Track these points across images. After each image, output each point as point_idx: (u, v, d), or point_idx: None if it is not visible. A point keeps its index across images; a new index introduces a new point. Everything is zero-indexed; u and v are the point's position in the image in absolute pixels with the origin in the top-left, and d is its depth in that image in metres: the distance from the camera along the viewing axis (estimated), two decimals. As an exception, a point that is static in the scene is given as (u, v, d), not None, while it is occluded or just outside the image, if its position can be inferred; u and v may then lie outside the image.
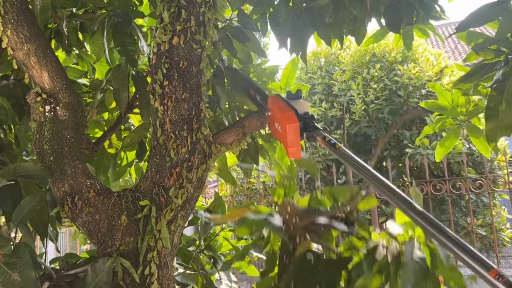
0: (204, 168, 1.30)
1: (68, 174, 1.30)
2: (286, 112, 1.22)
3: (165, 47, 1.31)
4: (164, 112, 1.28)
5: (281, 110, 1.24)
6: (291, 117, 1.20)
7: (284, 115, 1.21)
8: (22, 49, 1.39)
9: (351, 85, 6.21)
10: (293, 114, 1.20)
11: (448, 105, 2.59)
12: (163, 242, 1.19)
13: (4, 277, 1.00)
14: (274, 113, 1.28)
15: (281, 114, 1.23)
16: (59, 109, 1.40)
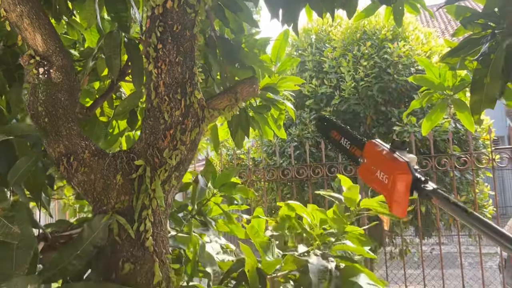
0: (198, 131, 1.33)
1: (63, 135, 1.33)
2: (396, 161, 1.10)
3: (159, 11, 1.32)
4: (158, 75, 1.31)
5: (390, 157, 1.12)
6: (403, 167, 1.07)
7: (395, 163, 1.09)
8: (15, 11, 1.39)
9: (342, 62, 6.23)
10: (406, 165, 1.08)
11: (435, 79, 2.63)
12: (157, 201, 1.23)
13: (4, 230, 1.03)
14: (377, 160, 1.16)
15: (390, 162, 1.11)
16: (52, 71, 1.42)
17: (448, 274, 5.25)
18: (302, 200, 6.48)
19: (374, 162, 1.16)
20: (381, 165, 1.13)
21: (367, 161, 1.20)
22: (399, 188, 1.05)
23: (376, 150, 1.18)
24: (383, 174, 1.11)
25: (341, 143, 1.39)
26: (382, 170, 1.12)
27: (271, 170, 5.64)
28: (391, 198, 1.08)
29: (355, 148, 1.31)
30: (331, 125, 1.48)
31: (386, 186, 1.09)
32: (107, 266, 1.21)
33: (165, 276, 1.23)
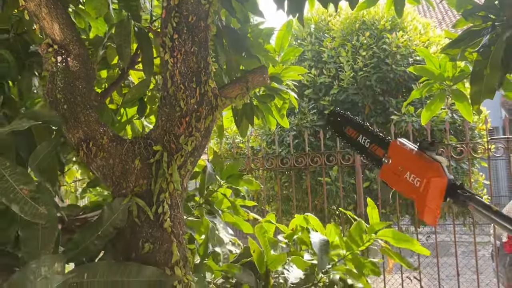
0: (211, 118, 1.39)
1: (82, 121, 1.38)
2: (430, 163, 1.00)
3: (174, 2, 1.37)
4: (174, 64, 1.36)
5: (422, 159, 1.02)
6: (438, 170, 0.98)
7: (428, 165, 0.99)
8: (34, 0, 1.43)
9: (341, 52, 6.28)
10: (439, 167, 0.98)
11: (435, 70, 2.69)
12: (174, 185, 1.29)
13: (32, 210, 1.09)
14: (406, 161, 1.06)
15: (422, 163, 1.01)
16: (70, 60, 1.46)
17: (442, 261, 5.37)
18: (300, 189, 6.56)
19: (402, 163, 1.06)
20: (411, 166, 1.03)
21: (392, 162, 1.10)
22: (432, 193, 0.96)
23: (404, 150, 1.08)
24: (414, 177, 1.01)
25: (358, 141, 1.28)
26: (412, 172, 1.03)
27: (270, 158, 5.71)
28: (423, 204, 0.98)
29: (376, 147, 1.21)
30: (345, 121, 1.35)
31: (417, 190, 1.00)
32: (127, 246, 1.27)
33: (182, 256, 1.29)
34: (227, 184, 2.18)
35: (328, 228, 2.08)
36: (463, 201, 0.94)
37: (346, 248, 1.99)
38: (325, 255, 1.81)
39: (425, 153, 1.03)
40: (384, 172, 1.13)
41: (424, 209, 0.98)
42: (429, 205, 0.97)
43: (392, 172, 1.09)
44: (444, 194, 0.96)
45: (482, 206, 0.91)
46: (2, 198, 1.09)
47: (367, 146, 1.24)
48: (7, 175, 1.11)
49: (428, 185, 0.97)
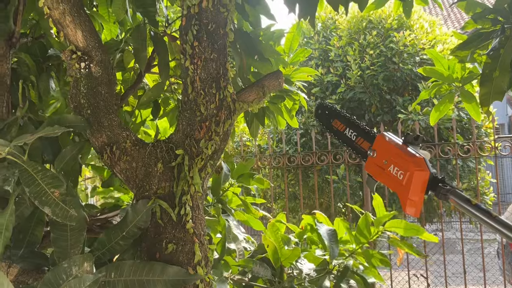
0: (230, 122, 1.44)
1: (105, 126, 1.43)
2: (413, 156, 1.02)
3: (194, 10, 1.41)
4: (194, 71, 1.41)
5: (406, 152, 1.04)
6: (421, 163, 1.00)
7: (411, 159, 1.01)
8: (58, 9, 1.48)
9: (348, 50, 6.31)
10: (423, 161, 1.01)
11: (444, 71, 2.72)
12: (195, 187, 1.34)
13: (63, 212, 1.14)
14: (390, 154, 1.07)
15: (406, 157, 1.03)
16: (93, 66, 1.51)
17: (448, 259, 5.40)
18: (306, 186, 6.61)
19: (387, 156, 1.09)
20: (395, 159, 1.05)
21: (378, 155, 1.12)
22: (415, 186, 0.98)
23: (389, 143, 1.10)
24: (398, 170, 1.04)
25: (345, 133, 1.30)
26: (396, 165, 1.05)
27: (277, 157, 5.76)
28: (405, 196, 1.00)
29: (362, 140, 1.23)
30: (333, 114, 1.38)
31: (401, 183, 1.02)
32: (151, 246, 1.32)
33: (204, 256, 1.34)
34: (238, 183, 2.23)
35: (336, 223, 2.13)
36: (444, 194, 0.95)
37: (356, 242, 2.03)
38: (335, 244, 1.85)
39: (409, 147, 1.06)
40: (369, 165, 1.15)
41: (407, 201, 1.00)
42: (412, 198, 0.99)
43: (377, 165, 1.12)
44: (426, 187, 0.99)
45: (462, 199, 0.93)
46: (35, 201, 1.14)
47: (353, 139, 1.27)
48: (39, 178, 1.17)
49: (411, 178, 0.99)
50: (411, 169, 1.00)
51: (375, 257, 2.05)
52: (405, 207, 1.01)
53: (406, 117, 5.82)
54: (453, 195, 0.94)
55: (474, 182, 5.79)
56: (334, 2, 2.31)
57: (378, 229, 2.03)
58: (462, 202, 0.92)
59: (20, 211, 1.34)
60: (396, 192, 1.05)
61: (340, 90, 6.29)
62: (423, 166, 1.00)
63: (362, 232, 2.03)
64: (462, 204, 0.92)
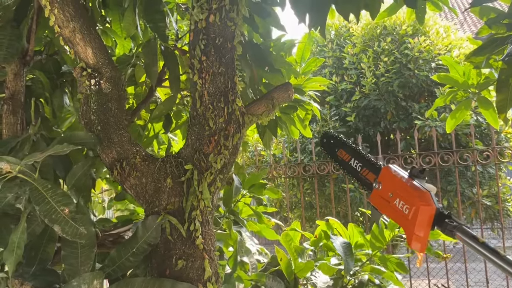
0: (239, 136, 1.43)
1: (115, 142, 1.44)
2: (419, 191, 1.00)
3: (202, 25, 1.42)
4: (202, 85, 1.41)
5: (412, 186, 1.02)
6: (427, 198, 0.98)
7: (417, 193, 1.00)
8: (68, 27, 1.50)
9: (362, 58, 6.27)
10: (429, 195, 0.99)
11: (459, 78, 2.67)
12: (205, 202, 1.34)
13: (72, 230, 1.15)
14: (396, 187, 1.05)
15: (412, 191, 1.01)
16: (103, 82, 1.53)
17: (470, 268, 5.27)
18: (323, 195, 6.55)
19: (392, 189, 1.06)
20: (401, 193, 1.03)
21: (383, 187, 1.10)
22: (421, 221, 0.96)
23: (394, 176, 1.08)
24: (403, 204, 1.01)
25: (350, 164, 1.29)
26: (402, 199, 1.02)
27: (292, 166, 5.73)
28: (411, 231, 0.98)
29: (368, 172, 1.21)
30: (339, 144, 1.36)
31: (406, 217, 1.00)
32: (161, 262, 1.32)
33: (214, 272, 1.33)
34: (250, 194, 2.22)
35: (350, 228, 2.10)
36: (450, 231, 0.93)
37: (371, 247, 2.01)
38: (350, 258, 1.83)
39: (415, 181, 1.03)
40: (374, 197, 1.13)
41: (412, 236, 0.98)
42: (417, 233, 0.97)
43: (382, 197, 1.09)
44: (432, 222, 0.96)
45: (469, 237, 0.90)
46: (45, 219, 1.15)
47: (358, 170, 1.25)
48: (48, 196, 1.17)
49: (417, 213, 0.97)
50: (417, 203, 0.98)
51: (392, 261, 2.02)
52: (410, 242, 0.99)
53: (423, 123, 5.74)
54: (460, 231, 0.91)
55: (495, 189, 5.65)
56: (344, 11, 2.29)
57: (393, 233, 2.01)
58: (469, 239, 0.90)
59: (32, 229, 1.35)
60: (401, 227, 1.04)
61: (354, 98, 6.24)
62: (429, 201, 0.98)
63: (377, 236, 2.01)
64: (469, 241, 0.90)
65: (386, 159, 5.44)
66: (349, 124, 6.32)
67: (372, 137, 6.09)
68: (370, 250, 2.03)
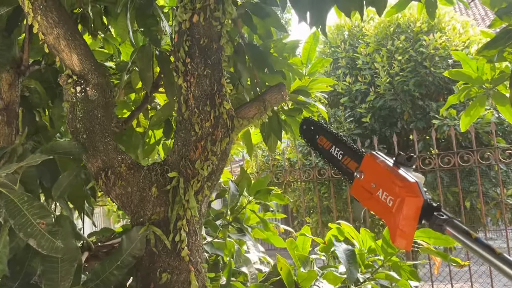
0: (228, 141, 1.36)
1: (101, 150, 1.39)
2: (405, 180, 0.90)
3: (186, 26, 1.36)
4: (187, 89, 1.34)
5: (397, 175, 0.92)
6: (413, 189, 0.88)
7: (403, 183, 0.90)
8: (52, 33, 1.46)
9: (376, 57, 6.13)
10: (416, 186, 0.89)
11: (473, 73, 2.56)
12: (191, 211, 1.27)
13: (48, 244, 1.09)
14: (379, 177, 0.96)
15: (397, 181, 0.91)
16: (89, 89, 1.48)
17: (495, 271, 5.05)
18: (340, 199, 6.42)
19: (375, 179, 0.96)
20: (384, 183, 0.93)
21: (365, 177, 0.99)
22: (406, 214, 0.87)
23: (378, 164, 0.97)
24: (387, 195, 0.92)
25: (330, 152, 1.18)
26: (385, 189, 0.93)
27: (307, 170, 5.62)
28: (395, 226, 0.88)
29: (349, 160, 1.11)
30: (319, 130, 1.25)
31: (390, 210, 0.90)
32: (146, 276, 1.26)
33: (201, 285, 1.26)
34: (256, 200, 2.15)
35: (362, 233, 2.01)
36: (439, 225, 0.83)
37: (383, 253, 1.91)
38: (353, 266, 1.73)
39: (401, 169, 0.93)
40: (356, 188, 1.02)
41: (396, 232, 0.88)
42: (402, 228, 0.87)
43: (364, 188, 0.99)
44: (419, 216, 0.86)
45: (461, 232, 0.80)
46: (19, 233, 1.10)
47: (339, 159, 1.14)
48: (24, 209, 1.13)
49: (402, 205, 0.87)
50: (401, 194, 0.88)
51: (405, 269, 1.91)
52: (394, 238, 0.89)
53: (441, 122, 5.56)
54: (450, 226, 0.82)
55: (521, 188, 5.42)
56: (346, 9, 2.21)
57: None
58: (460, 235, 0.80)
59: (16, 242, 1.31)
60: (384, 221, 0.93)
61: (369, 99, 6.11)
62: (416, 191, 0.88)
63: (388, 242, 1.91)
64: (460, 237, 0.80)
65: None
66: (364, 125, 6.18)
67: (388, 138, 5.94)
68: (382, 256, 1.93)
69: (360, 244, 2.03)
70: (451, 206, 5.99)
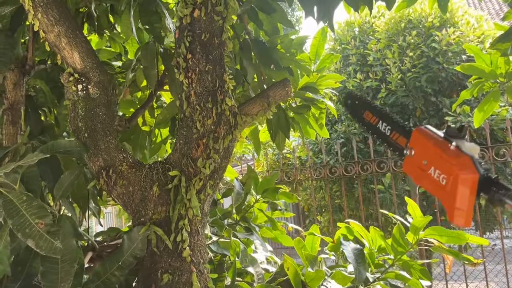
0: (230, 138, 1.33)
1: (102, 149, 1.36)
2: (458, 156, 0.85)
3: (187, 21, 1.32)
4: (188, 85, 1.31)
5: (449, 151, 0.87)
6: (467, 165, 0.83)
7: (456, 160, 0.85)
8: (53, 31, 1.44)
9: (387, 54, 6.03)
10: (470, 160, 0.84)
11: (486, 67, 2.48)
12: (193, 211, 1.24)
13: (47, 245, 1.07)
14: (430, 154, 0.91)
15: (449, 157, 0.86)
16: (90, 87, 1.46)
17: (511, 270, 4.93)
18: (352, 198, 6.34)
19: (426, 155, 0.91)
20: (436, 160, 0.89)
21: (416, 154, 0.95)
22: (462, 192, 0.82)
23: (427, 140, 0.92)
24: (440, 173, 0.87)
25: (378, 127, 1.13)
26: (437, 167, 0.88)
27: (318, 168, 5.56)
28: (452, 205, 0.84)
29: (398, 136, 1.06)
30: (364, 105, 1.21)
31: (444, 188, 0.85)
32: (147, 277, 1.23)
33: (204, 286, 1.23)
34: (264, 199, 2.12)
35: (372, 232, 1.96)
36: (499, 200, 0.78)
37: (393, 252, 1.86)
38: (362, 266, 1.69)
39: (452, 144, 0.88)
40: (407, 165, 0.97)
41: (454, 211, 0.83)
42: (459, 207, 0.82)
43: (416, 166, 0.93)
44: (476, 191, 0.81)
45: None
46: (18, 233, 1.08)
47: (388, 134, 1.09)
48: (23, 209, 1.11)
49: (456, 184, 0.82)
50: (455, 172, 0.83)
51: (415, 268, 1.86)
52: (452, 217, 0.84)
53: (454, 119, 5.45)
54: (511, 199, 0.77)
55: (537, 186, 5.29)
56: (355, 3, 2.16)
57: (417, 237, 1.84)
58: None
59: (17, 243, 1.29)
60: (440, 200, 0.88)
61: (381, 96, 6.01)
62: (470, 167, 0.83)
63: (398, 240, 1.85)
64: None
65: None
66: (376, 123, 6.10)
67: (401, 135, 5.84)
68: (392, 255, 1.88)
69: (370, 243, 1.98)
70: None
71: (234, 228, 1.82)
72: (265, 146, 6.71)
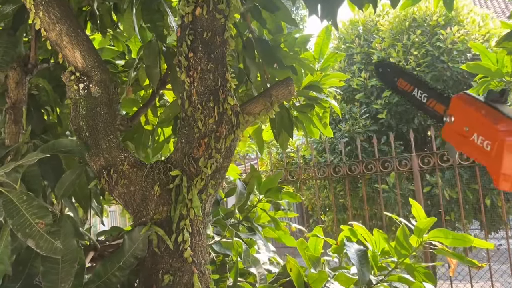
0: (232, 138, 1.31)
1: (103, 148, 1.35)
2: (501, 121, 0.84)
3: (188, 19, 1.31)
4: (190, 84, 1.30)
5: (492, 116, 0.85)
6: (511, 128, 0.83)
7: (499, 125, 0.83)
8: (54, 30, 1.44)
9: (391, 52, 5.99)
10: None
11: (492, 66, 2.46)
12: (195, 211, 1.23)
13: (47, 245, 1.07)
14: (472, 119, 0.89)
15: (491, 123, 0.85)
16: (92, 86, 1.45)
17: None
18: (356, 197, 6.32)
19: (468, 121, 0.89)
20: (478, 126, 0.86)
21: (456, 121, 0.93)
22: (508, 157, 0.80)
23: (469, 106, 0.89)
24: (483, 139, 0.85)
25: (413, 95, 1.10)
26: (480, 133, 0.86)
27: (322, 167, 5.54)
28: (498, 171, 0.82)
29: (435, 103, 1.04)
30: (397, 72, 1.18)
31: (489, 155, 0.83)
32: (148, 277, 1.22)
33: (205, 287, 1.22)
34: (267, 198, 2.10)
35: (375, 234, 1.94)
36: None
37: (396, 255, 1.84)
38: (365, 267, 1.67)
39: (494, 108, 0.86)
40: (447, 132, 0.96)
41: (500, 176, 0.82)
42: (505, 171, 0.81)
43: (457, 132, 0.93)
44: None
45: None
46: (18, 233, 1.07)
47: (424, 101, 1.07)
48: (23, 209, 1.10)
49: (502, 149, 0.81)
50: (499, 137, 0.82)
51: (419, 271, 1.84)
52: (497, 182, 0.84)
53: (459, 118, 5.40)
54: None
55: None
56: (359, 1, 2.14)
57: (421, 239, 1.82)
58: None
59: (18, 242, 1.29)
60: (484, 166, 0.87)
61: (385, 94, 5.98)
62: None
63: (402, 243, 1.83)
64: None
65: (420, 157, 5.16)
66: (381, 122, 6.06)
67: (405, 134, 5.81)
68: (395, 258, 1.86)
69: (373, 245, 1.96)
70: (470, 204, 5.83)
71: (237, 228, 1.80)
72: (269, 145, 6.70)
